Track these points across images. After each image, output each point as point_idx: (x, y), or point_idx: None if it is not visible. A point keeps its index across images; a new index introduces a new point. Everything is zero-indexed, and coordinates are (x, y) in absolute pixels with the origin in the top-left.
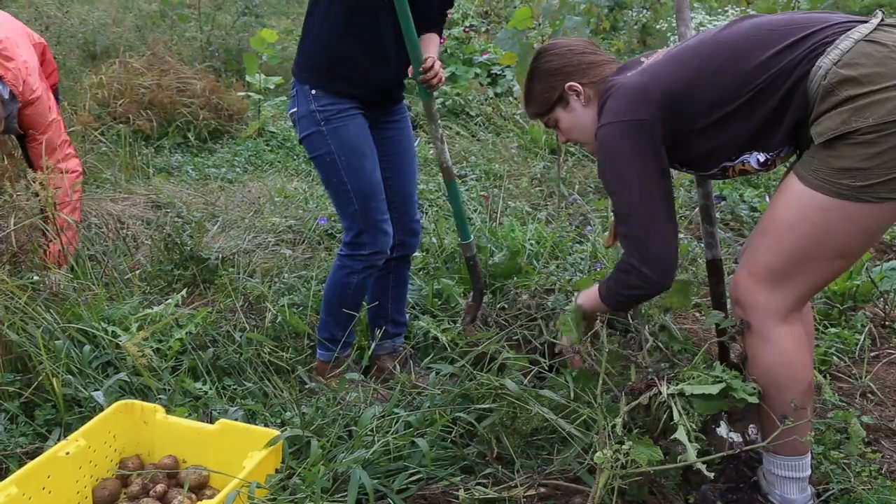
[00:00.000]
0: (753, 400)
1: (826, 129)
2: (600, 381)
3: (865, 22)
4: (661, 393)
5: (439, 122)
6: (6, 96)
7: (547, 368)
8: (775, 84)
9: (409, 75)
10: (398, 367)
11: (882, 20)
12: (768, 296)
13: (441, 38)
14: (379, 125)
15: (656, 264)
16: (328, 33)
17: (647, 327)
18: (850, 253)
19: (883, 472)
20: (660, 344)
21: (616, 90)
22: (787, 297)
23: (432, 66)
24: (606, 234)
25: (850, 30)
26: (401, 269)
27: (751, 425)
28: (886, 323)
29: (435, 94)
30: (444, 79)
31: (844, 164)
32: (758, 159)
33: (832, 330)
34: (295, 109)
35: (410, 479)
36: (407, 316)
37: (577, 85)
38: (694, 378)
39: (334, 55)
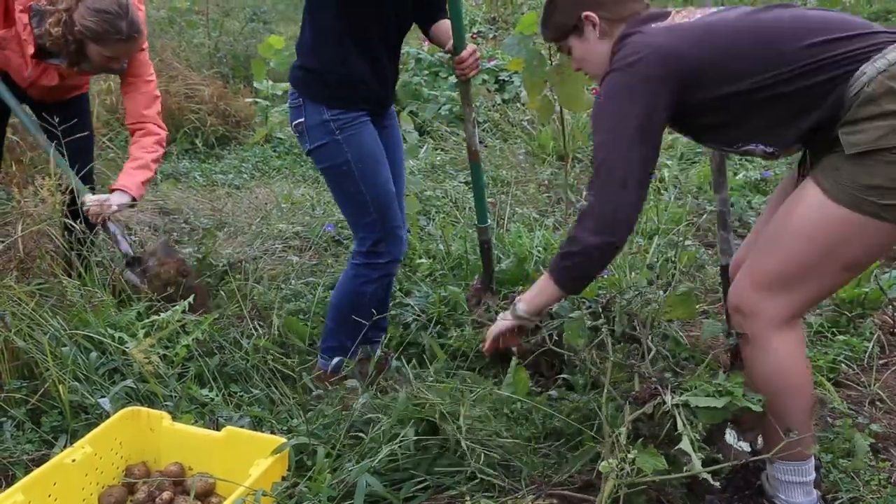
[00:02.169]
0: (758, 408)
1: (861, 140)
2: (605, 391)
3: None
4: (664, 403)
5: (473, 105)
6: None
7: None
8: (806, 76)
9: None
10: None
11: None
12: (771, 304)
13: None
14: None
15: (610, 224)
16: (328, 51)
17: (650, 336)
18: (859, 266)
19: (892, 481)
20: (665, 352)
21: (635, 41)
22: (789, 305)
23: (469, 56)
24: None
25: None
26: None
27: (760, 435)
28: (895, 330)
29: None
30: (479, 68)
31: (874, 181)
32: (764, 150)
33: (841, 337)
34: (301, 120)
35: (417, 487)
36: (387, 322)
37: (594, 16)
38: (698, 388)
39: (341, 72)
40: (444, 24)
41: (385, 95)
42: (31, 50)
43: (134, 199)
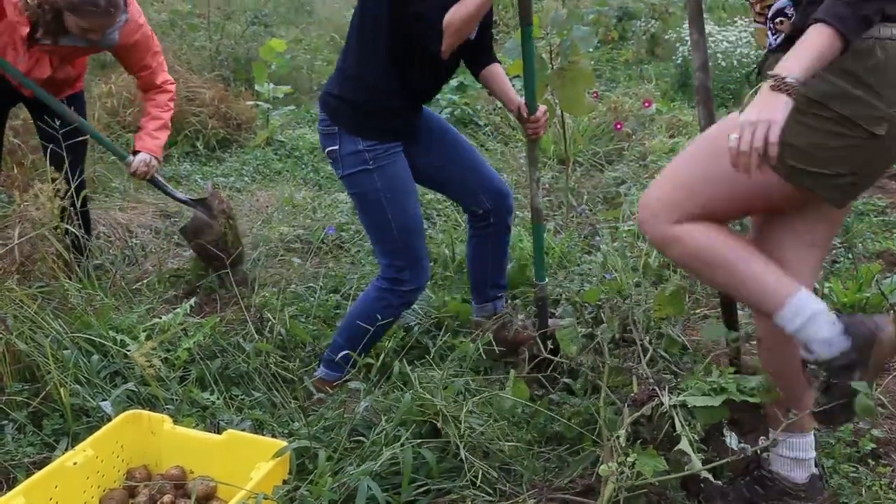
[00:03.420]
0: (756, 400)
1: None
2: (602, 394)
3: None
4: (663, 404)
5: (538, 165)
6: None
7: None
8: None
9: (517, 118)
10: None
11: None
12: (668, 200)
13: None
14: (415, 136)
15: None
16: (374, 87)
17: (646, 337)
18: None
19: (894, 486)
20: (663, 353)
21: None
22: (687, 202)
23: (539, 118)
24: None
25: None
26: (499, 235)
27: (761, 437)
28: None
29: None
30: (545, 129)
31: (797, 140)
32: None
33: None
34: (336, 147)
35: (418, 490)
36: (507, 280)
37: None
38: (694, 387)
39: (380, 105)
40: (495, 70)
41: (418, 119)
42: (24, 31)
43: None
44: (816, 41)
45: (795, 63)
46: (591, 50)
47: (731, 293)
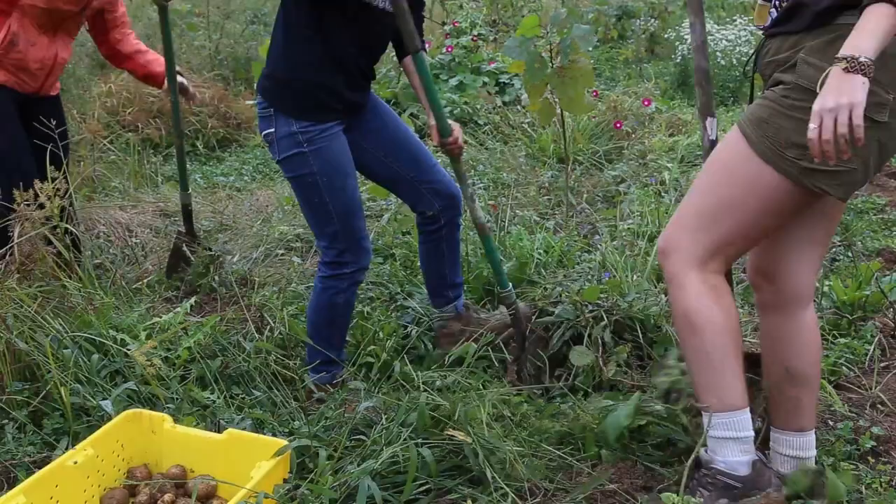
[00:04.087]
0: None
1: (814, 78)
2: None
3: None
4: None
5: (468, 181)
6: None
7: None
8: None
9: (435, 142)
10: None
11: None
12: (688, 240)
13: (426, 42)
14: (357, 123)
15: None
16: (300, 61)
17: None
18: (778, 215)
19: (893, 483)
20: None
21: None
22: (707, 241)
23: (456, 138)
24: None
25: None
26: (452, 234)
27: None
28: None
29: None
30: (464, 146)
31: (802, 139)
32: None
33: (841, 340)
34: (272, 130)
35: (419, 490)
36: (462, 276)
37: None
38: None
39: (311, 79)
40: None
41: (360, 99)
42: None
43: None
44: (881, 20)
45: (865, 42)
46: (590, 49)
47: (689, 362)
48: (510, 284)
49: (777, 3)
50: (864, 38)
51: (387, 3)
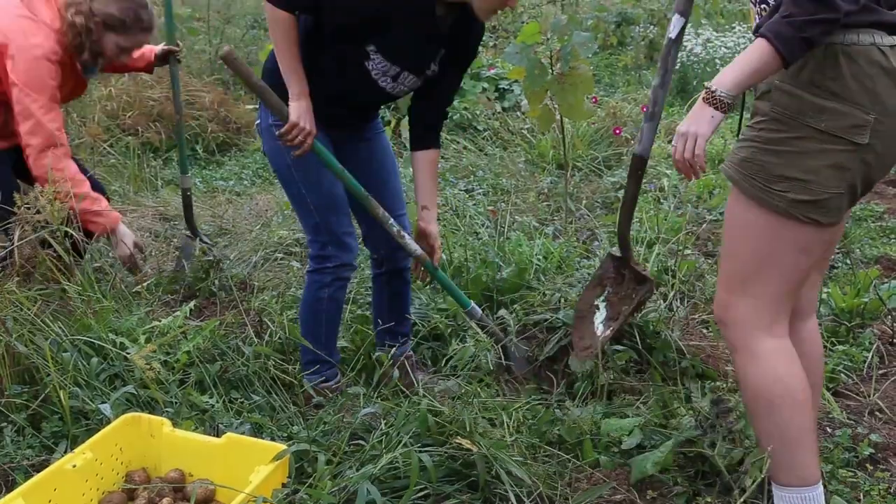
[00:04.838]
0: None
1: (791, 107)
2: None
3: None
4: None
5: (390, 221)
6: None
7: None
8: None
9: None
10: (399, 373)
11: None
12: (744, 306)
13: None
14: (351, 143)
15: None
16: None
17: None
18: (807, 252)
19: (892, 491)
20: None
21: None
22: (761, 302)
23: (433, 250)
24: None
25: None
26: (392, 283)
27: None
28: (894, 340)
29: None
30: (441, 255)
31: (787, 171)
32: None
33: (840, 347)
34: (258, 122)
35: (418, 494)
36: (410, 327)
37: None
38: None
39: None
40: (426, 158)
41: (358, 120)
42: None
43: None
44: (755, 56)
45: (729, 77)
46: (590, 55)
47: (759, 436)
48: (471, 303)
49: (758, 11)
50: (731, 71)
51: (394, 87)
